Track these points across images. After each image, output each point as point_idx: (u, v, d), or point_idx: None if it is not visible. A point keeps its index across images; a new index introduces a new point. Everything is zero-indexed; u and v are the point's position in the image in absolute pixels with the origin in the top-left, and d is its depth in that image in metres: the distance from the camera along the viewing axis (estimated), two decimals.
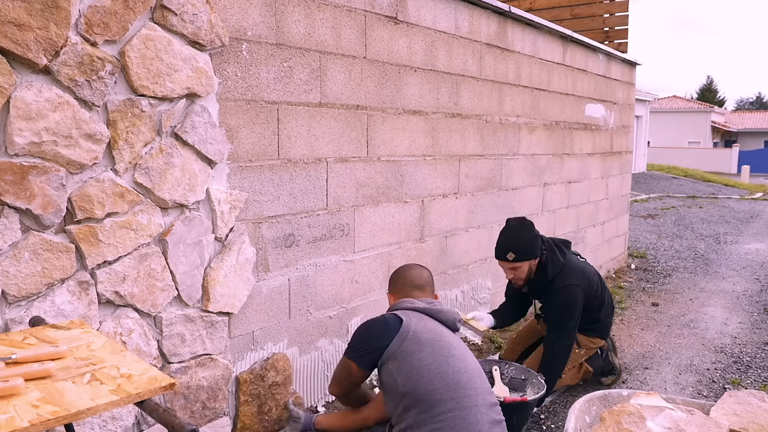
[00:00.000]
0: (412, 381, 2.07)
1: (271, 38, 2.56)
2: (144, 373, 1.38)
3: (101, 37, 1.96)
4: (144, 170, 2.15)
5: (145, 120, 2.13)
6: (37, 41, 1.80)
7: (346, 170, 3.00)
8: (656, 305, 5.20)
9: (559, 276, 3.20)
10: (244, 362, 2.63)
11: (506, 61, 4.18)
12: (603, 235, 6.12)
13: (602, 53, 5.71)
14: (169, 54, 2.17)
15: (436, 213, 3.67)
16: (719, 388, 3.53)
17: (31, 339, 1.56)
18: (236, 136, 2.47)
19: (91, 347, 1.53)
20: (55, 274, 1.93)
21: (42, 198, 1.87)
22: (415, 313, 2.25)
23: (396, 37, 3.21)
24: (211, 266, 2.43)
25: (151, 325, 2.26)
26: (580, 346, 3.40)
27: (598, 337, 3.45)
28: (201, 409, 2.47)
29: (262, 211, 2.62)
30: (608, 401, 2.31)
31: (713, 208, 12.28)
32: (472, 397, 2.07)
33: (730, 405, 2.14)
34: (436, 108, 3.55)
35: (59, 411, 1.18)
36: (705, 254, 7.58)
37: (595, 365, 3.49)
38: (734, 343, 4.28)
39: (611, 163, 6.19)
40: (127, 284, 2.14)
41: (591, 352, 3.46)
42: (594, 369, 3.49)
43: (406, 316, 2.22)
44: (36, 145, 1.83)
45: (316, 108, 2.81)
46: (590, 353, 3.46)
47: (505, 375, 3.06)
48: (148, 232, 2.19)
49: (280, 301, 2.76)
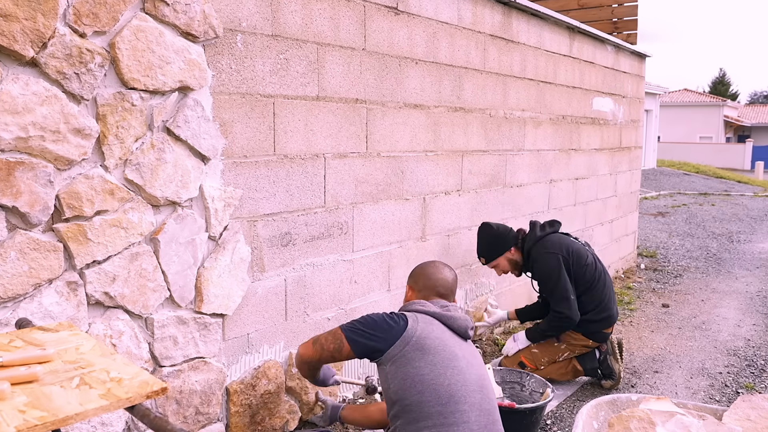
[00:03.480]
0: (404, 390, 2.05)
1: (267, 29, 2.56)
2: (135, 377, 1.38)
3: (90, 28, 1.96)
4: (135, 166, 2.15)
5: (135, 114, 2.13)
6: (24, 32, 1.80)
7: (344, 166, 3.00)
8: (667, 306, 5.20)
9: (533, 248, 3.49)
10: (238, 366, 2.63)
11: (511, 53, 4.18)
12: (611, 234, 6.12)
13: (610, 45, 5.70)
14: (161, 46, 2.17)
15: (438, 210, 3.67)
16: (732, 392, 3.53)
17: (17, 341, 1.56)
18: (231, 130, 2.47)
19: (80, 350, 1.53)
20: (43, 274, 1.93)
21: (29, 195, 1.86)
22: (425, 317, 2.20)
23: (396, 28, 3.20)
24: (205, 266, 2.43)
25: (142, 327, 2.26)
26: (560, 340, 3.49)
27: (582, 334, 3.47)
28: (194, 415, 2.47)
29: (258, 208, 2.62)
30: (617, 406, 2.32)
31: (726, 206, 12.28)
32: (463, 413, 2.02)
33: (744, 410, 2.14)
34: (438, 102, 3.55)
35: (47, 416, 1.18)
36: (717, 253, 7.58)
37: (586, 366, 3.53)
38: (748, 346, 4.28)
39: (620, 158, 6.19)
40: (118, 285, 2.14)
41: (575, 349, 3.50)
42: (585, 369, 3.53)
43: (413, 319, 2.17)
44: (23, 140, 1.83)
45: (314, 102, 2.80)
46: (574, 350, 3.50)
47: (526, 387, 3.12)
48: (139, 230, 2.19)
49: (276, 302, 2.76)
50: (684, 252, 7.62)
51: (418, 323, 2.15)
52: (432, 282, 2.37)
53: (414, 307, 2.27)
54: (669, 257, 7.29)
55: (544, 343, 3.49)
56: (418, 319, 2.17)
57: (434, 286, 2.36)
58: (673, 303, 5.34)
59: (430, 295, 2.35)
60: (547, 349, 3.50)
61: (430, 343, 2.10)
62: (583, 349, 3.51)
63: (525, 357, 3.48)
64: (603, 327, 3.49)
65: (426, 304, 2.26)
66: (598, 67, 5.48)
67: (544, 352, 3.49)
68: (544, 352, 3.49)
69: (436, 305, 2.26)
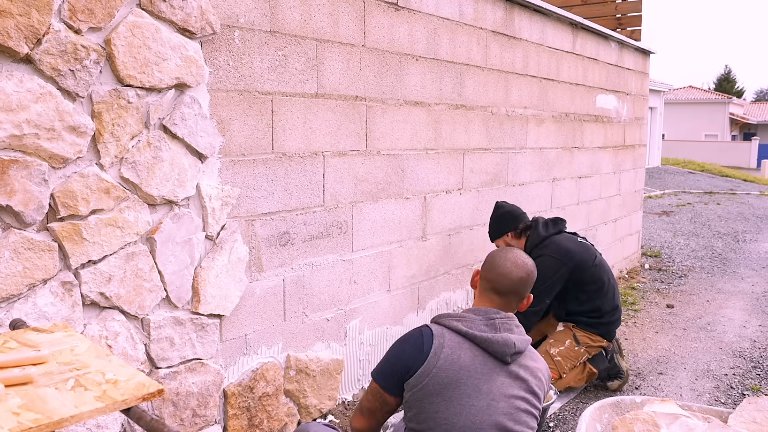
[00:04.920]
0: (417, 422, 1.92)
1: (265, 25, 2.56)
2: (131, 379, 1.38)
3: (86, 24, 1.96)
4: (131, 165, 2.15)
5: (131, 112, 2.12)
6: (18, 28, 1.80)
7: (344, 165, 3.00)
8: (671, 307, 5.20)
9: (536, 248, 3.45)
10: (236, 367, 2.63)
11: (513, 50, 4.17)
12: (615, 233, 6.12)
13: (614, 41, 5.70)
14: (158, 42, 2.16)
15: (439, 210, 3.67)
16: (738, 394, 3.53)
17: (11, 343, 1.56)
18: (228, 128, 2.47)
19: (75, 351, 1.53)
20: (37, 274, 1.93)
21: (23, 194, 1.86)
22: (453, 338, 1.90)
23: (397, 24, 3.20)
24: (202, 266, 2.43)
25: (138, 327, 2.26)
26: (579, 343, 3.44)
27: (599, 335, 3.47)
28: (191, 417, 2.47)
29: (256, 207, 2.62)
30: (620, 408, 2.32)
31: (731, 205, 12.27)
32: None
33: (750, 412, 2.14)
34: (438, 99, 3.55)
35: (41, 419, 1.18)
36: (723, 253, 7.58)
37: (599, 367, 3.51)
38: (754, 347, 4.28)
39: (624, 157, 6.19)
40: (113, 285, 2.14)
41: (593, 351, 3.48)
42: (599, 371, 3.51)
43: (438, 344, 1.89)
44: (17, 138, 1.83)
45: (313, 99, 2.80)
46: (592, 352, 3.48)
47: None
48: (135, 229, 2.19)
49: (275, 302, 2.76)
50: (689, 252, 7.62)
51: (443, 349, 1.88)
52: (493, 274, 2.03)
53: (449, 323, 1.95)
54: (674, 257, 7.29)
55: (564, 349, 3.43)
56: (444, 344, 1.89)
57: (494, 279, 2.02)
58: (678, 303, 5.34)
59: (487, 289, 2.03)
60: (569, 354, 3.43)
61: (452, 375, 1.86)
62: (597, 350, 3.51)
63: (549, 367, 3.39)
64: (616, 327, 3.54)
65: (466, 319, 1.95)
66: (601, 64, 5.48)
67: (566, 358, 3.42)
68: (566, 357, 3.42)
69: (482, 317, 1.95)
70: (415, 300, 3.56)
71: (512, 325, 1.95)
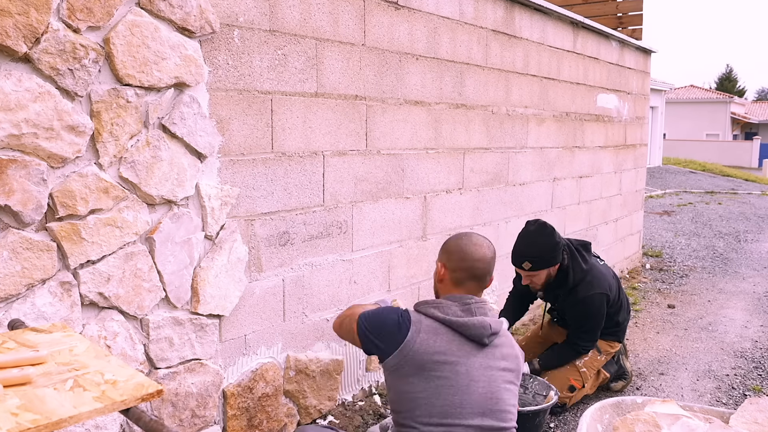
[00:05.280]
0: (398, 403, 2.00)
1: (265, 24, 2.56)
2: (130, 379, 1.38)
3: (84, 23, 1.96)
4: (130, 164, 2.15)
5: (130, 111, 2.12)
6: (17, 27, 1.80)
7: (343, 164, 3.00)
8: (672, 307, 5.21)
9: (582, 284, 3.25)
10: (235, 368, 2.63)
11: (513, 49, 4.17)
12: (616, 233, 6.13)
13: (615, 40, 5.70)
14: (157, 41, 2.16)
15: (440, 209, 3.67)
16: (739, 395, 3.53)
17: (9, 343, 1.56)
18: (227, 128, 2.47)
19: (74, 352, 1.53)
20: (36, 274, 1.93)
21: (22, 194, 1.86)
22: (430, 325, 2.00)
23: (397, 23, 3.20)
24: (201, 266, 2.43)
25: (137, 328, 2.26)
26: (601, 352, 3.43)
27: (616, 341, 3.49)
28: (190, 418, 2.47)
29: (255, 207, 2.62)
30: (621, 409, 2.32)
31: (733, 205, 12.27)
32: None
33: (751, 413, 2.14)
34: (439, 98, 3.55)
35: (40, 419, 1.18)
36: (724, 253, 7.58)
37: (610, 370, 3.52)
38: (755, 348, 4.28)
39: (625, 156, 6.19)
40: (112, 285, 2.14)
41: (609, 357, 3.50)
42: (611, 374, 3.52)
43: (415, 329, 1.98)
44: (15, 137, 1.83)
45: (312, 98, 2.80)
46: (608, 358, 3.50)
47: (528, 390, 3.12)
48: (134, 229, 2.19)
49: (274, 302, 2.76)
50: (690, 251, 7.62)
51: (419, 334, 1.97)
52: (468, 263, 2.08)
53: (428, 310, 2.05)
54: (675, 257, 7.29)
55: (589, 359, 3.37)
56: (421, 329, 1.98)
57: (470, 267, 2.08)
58: (679, 304, 5.34)
59: (464, 279, 2.09)
60: (592, 363, 3.38)
61: (428, 358, 1.95)
62: (612, 355, 3.53)
63: (574, 380, 3.32)
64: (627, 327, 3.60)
65: (442, 305, 2.04)
66: (602, 63, 5.48)
67: (590, 368, 3.38)
68: (590, 368, 3.38)
69: (457, 303, 2.04)
70: (415, 300, 3.57)
71: (486, 309, 2.06)
